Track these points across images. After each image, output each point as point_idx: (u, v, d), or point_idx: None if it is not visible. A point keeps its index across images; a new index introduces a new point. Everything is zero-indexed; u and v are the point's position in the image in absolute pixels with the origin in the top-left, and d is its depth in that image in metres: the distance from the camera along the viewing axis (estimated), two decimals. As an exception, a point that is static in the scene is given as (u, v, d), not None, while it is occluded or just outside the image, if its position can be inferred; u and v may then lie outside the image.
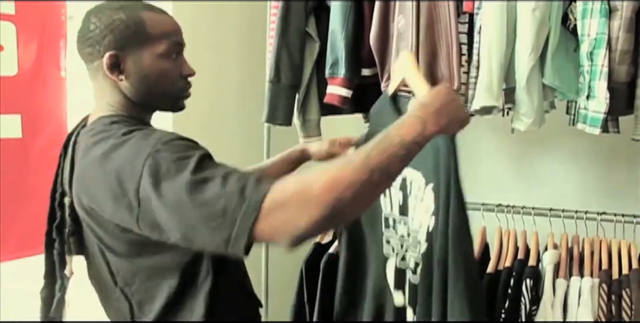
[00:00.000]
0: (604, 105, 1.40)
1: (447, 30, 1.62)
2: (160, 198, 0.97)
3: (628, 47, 1.41)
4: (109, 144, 1.06)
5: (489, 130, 2.20)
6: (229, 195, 0.93)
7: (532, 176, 2.21)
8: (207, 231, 0.94)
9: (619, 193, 2.06)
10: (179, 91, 1.21)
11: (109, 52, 1.13)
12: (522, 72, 1.50)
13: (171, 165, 0.98)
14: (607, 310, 1.56)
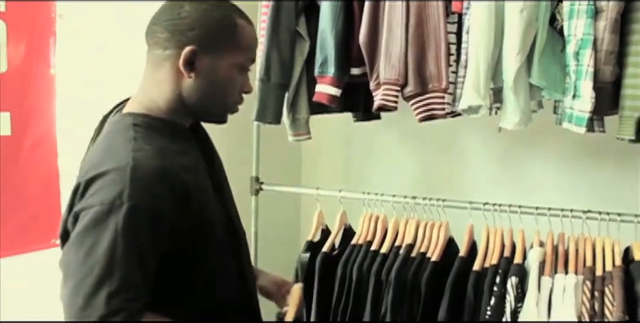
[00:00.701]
0: (590, 104, 1.43)
1: (435, 30, 1.64)
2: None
3: (613, 48, 1.44)
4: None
5: (477, 129, 2.22)
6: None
7: (519, 175, 2.24)
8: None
9: (604, 191, 2.09)
10: (233, 104, 1.20)
11: (191, 46, 1.09)
12: (509, 72, 1.53)
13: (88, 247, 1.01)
14: (590, 307, 1.58)
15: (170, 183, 1.05)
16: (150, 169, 1.04)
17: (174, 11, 1.11)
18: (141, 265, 1.02)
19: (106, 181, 1.03)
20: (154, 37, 1.12)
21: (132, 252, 1.00)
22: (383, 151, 2.46)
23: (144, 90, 1.17)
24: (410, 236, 1.83)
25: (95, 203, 1.02)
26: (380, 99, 1.69)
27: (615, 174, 2.07)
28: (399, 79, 1.67)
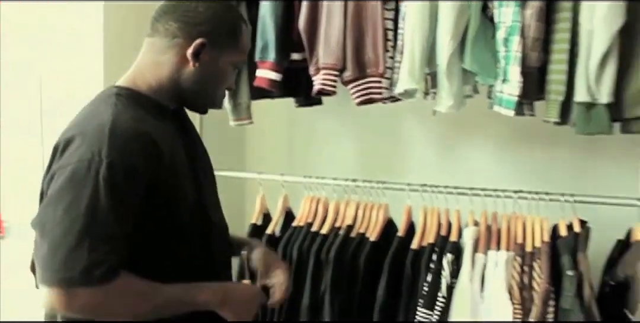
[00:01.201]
0: (517, 88, 1.49)
1: (373, 17, 1.69)
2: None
3: (539, 35, 1.51)
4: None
5: (417, 114, 2.28)
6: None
7: (457, 158, 2.30)
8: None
9: (535, 172, 2.17)
10: (219, 97, 1.33)
11: (201, 39, 1.20)
12: (442, 57, 1.58)
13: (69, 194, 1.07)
14: (519, 280, 1.67)
15: (145, 144, 1.12)
16: (127, 130, 1.12)
17: (190, 6, 1.22)
18: (120, 219, 1.07)
19: (84, 139, 1.10)
20: (165, 25, 1.22)
21: (112, 207, 1.06)
22: (326, 136, 2.48)
23: (137, 69, 1.26)
24: (350, 217, 1.88)
25: (72, 161, 1.08)
26: (320, 84, 1.73)
27: (545, 156, 2.16)
28: (338, 64, 1.71)
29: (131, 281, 1.10)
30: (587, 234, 1.68)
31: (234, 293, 1.27)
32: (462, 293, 1.72)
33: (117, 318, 1.13)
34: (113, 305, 1.09)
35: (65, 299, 1.04)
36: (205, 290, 1.21)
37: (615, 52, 1.43)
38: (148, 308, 1.14)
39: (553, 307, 1.61)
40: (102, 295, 1.06)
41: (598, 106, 1.47)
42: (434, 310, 1.72)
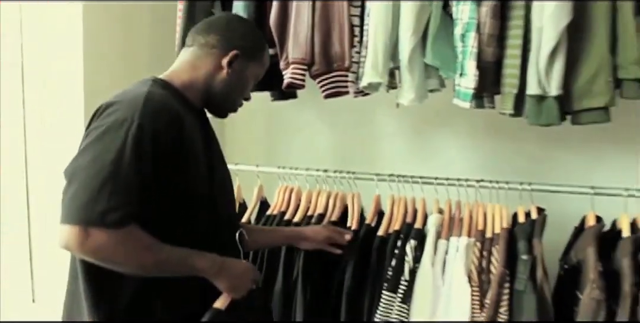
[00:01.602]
0: (473, 82, 1.58)
1: (339, 14, 1.77)
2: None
3: (494, 31, 1.58)
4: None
5: (388, 108, 2.35)
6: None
7: (426, 150, 2.39)
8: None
9: (502, 162, 2.26)
10: (238, 103, 1.55)
11: (236, 51, 1.43)
12: (404, 52, 1.66)
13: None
14: (478, 264, 1.75)
15: (171, 116, 1.29)
16: (159, 102, 1.29)
17: (228, 24, 1.48)
18: (139, 174, 1.20)
19: (122, 105, 1.26)
20: (206, 38, 1.44)
21: (134, 162, 1.19)
22: (302, 128, 2.56)
23: (174, 71, 1.45)
24: (322, 206, 1.96)
25: (109, 120, 1.24)
26: (289, 78, 1.81)
27: (512, 148, 2.25)
28: (306, 59, 1.79)
29: (140, 233, 1.22)
30: (543, 221, 1.76)
31: (230, 267, 1.38)
32: (424, 276, 1.79)
33: (122, 264, 1.24)
34: (121, 250, 1.20)
35: (80, 237, 1.16)
36: (204, 258, 1.33)
37: (563, 48, 1.51)
38: (151, 261, 1.25)
39: (508, 288, 1.69)
40: (113, 238, 1.17)
41: (548, 98, 1.55)
42: (397, 293, 1.81)
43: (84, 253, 1.20)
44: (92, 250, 1.19)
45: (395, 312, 1.80)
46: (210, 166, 1.41)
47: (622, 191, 1.72)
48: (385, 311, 1.80)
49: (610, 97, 1.52)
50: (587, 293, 1.62)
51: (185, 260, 1.31)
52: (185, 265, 1.31)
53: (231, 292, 1.37)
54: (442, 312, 1.76)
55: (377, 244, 1.86)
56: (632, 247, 1.64)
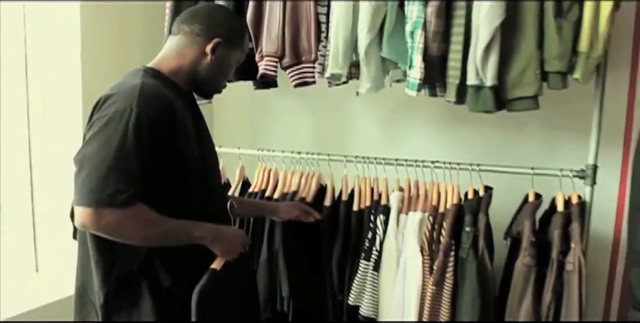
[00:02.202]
0: (419, 73, 1.78)
1: (307, 12, 1.97)
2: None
3: (438, 29, 1.78)
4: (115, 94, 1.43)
5: (363, 96, 2.56)
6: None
7: (397, 134, 2.60)
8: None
9: (465, 146, 2.47)
10: (222, 87, 1.70)
11: (218, 38, 1.56)
12: (361, 47, 1.87)
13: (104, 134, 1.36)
14: (429, 235, 1.97)
15: (164, 102, 1.43)
16: (152, 91, 1.43)
17: (210, 13, 1.61)
18: (140, 158, 1.37)
19: (120, 97, 1.40)
20: (191, 26, 1.57)
21: (135, 147, 1.34)
22: (283, 114, 2.77)
23: (161, 58, 1.58)
24: (296, 184, 2.19)
25: (110, 111, 1.38)
26: (263, 69, 2.02)
27: (475, 133, 2.45)
28: (278, 52, 2.00)
29: (146, 210, 1.38)
30: (489, 198, 1.97)
31: (223, 234, 1.56)
32: (390, 247, 2.03)
33: (132, 238, 1.41)
34: (130, 226, 1.37)
35: (94, 217, 1.32)
36: (201, 228, 1.51)
37: (496, 43, 1.71)
38: (156, 233, 1.42)
39: (453, 256, 1.91)
40: (122, 216, 1.34)
41: (485, 88, 1.76)
42: (370, 261, 2.04)
43: (99, 231, 1.37)
44: (105, 228, 1.35)
45: (369, 279, 2.03)
46: (201, 145, 1.58)
47: (557, 171, 1.93)
48: (361, 278, 2.04)
49: (538, 87, 1.73)
50: (520, 260, 1.84)
51: (185, 231, 1.47)
52: (185, 235, 1.48)
53: (225, 255, 1.56)
54: (400, 277, 1.99)
55: (355, 218, 2.10)
56: (562, 221, 1.86)
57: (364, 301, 2.03)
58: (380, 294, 2.00)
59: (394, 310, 1.98)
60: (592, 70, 1.74)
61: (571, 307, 1.77)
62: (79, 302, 1.58)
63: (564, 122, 2.33)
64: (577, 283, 1.76)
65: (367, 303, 2.02)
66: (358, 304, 2.04)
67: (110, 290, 1.47)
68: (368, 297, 2.02)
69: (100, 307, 1.47)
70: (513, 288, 1.84)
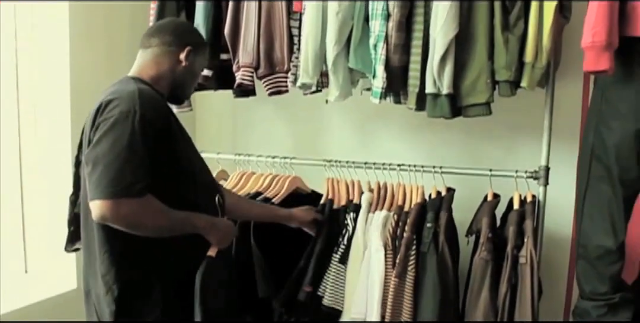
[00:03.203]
0: (382, 82, 1.93)
1: (280, 25, 2.12)
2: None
3: (399, 42, 1.93)
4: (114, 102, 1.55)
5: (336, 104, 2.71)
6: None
7: (368, 139, 2.74)
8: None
9: (433, 150, 2.61)
10: (192, 91, 1.85)
11: (189, 46, 1.71)
12: (329, 58, 2.01)
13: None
14: (393, 232, 2.10)
15: (161, 104, 1.62)
16: (149, 94, 1.59)
17: (176, 25, 1.78)
18: (148, 152, 1.49)
19: (121, 100, 1.52)
20: (162, 37, 1.71)
21: (143, 143, 1.48)
22: (262, 121, 2.90)
23: (138, 69, 1.71)
24: (265, 186, 2.32)
25: (115, 113, 1.50)
26: (240, 79, 2.16)
27: (443, 138, 2.59)
28: (253, 63, 2.14)
29: (156, 200, 1.52)
30: (450, 197, 2.12)
31: (218, 224, 1.70)
32: (357, 242, 2.15)
33: (146, 228, 1.53)
34: (146, 215, 1.50)
35: (113, 208, 1.45)
36: (200, 218, 1.64)
37: (451, 55, 1.86)
38: (166, 222, 1.56)
39: (414, 251, 2.05)
40: (138, 206, 1.47)
41: (441, 96, 1.91)
42: (337, 253, 2.16)
43: (117, 221, 1.48)
44: (125, 218, 1.47)
45: (333, 270, 2.14)
46: (186, 143, 1.71)
47: (513, 173, 2.08)
48: (330, 270, 2.15)
49: (490, 95, 1.88)
50: (478, 254, 1.99)
51: (188, 220, 1.61)
52: (188, 224, 1.61)
53: (219, 244, 1.70)
54: (365, 270, 2.12)
55: (334, 215, 2.23)
56: (517, 218, 2.01)
57: (327, 292, 2.14)
58: (346, 286, 2.13)
59: (359, 301, 2.10)
60: (538, 78, 1.89)
61: (524, 298, 1.91)
62: (86, 302, 1.72)
63: (522, 127, 2.49)
64: (530, 275, 1.91)
65: (330, 294, 2.13)
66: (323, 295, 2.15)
67: (125, 283, 1.58)
68: (330, 288, 2.13)
69: (114, 300, 1.58)
70: (472, 281, 1.99)
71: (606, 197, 1.86)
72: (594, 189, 1.88)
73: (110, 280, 1.58)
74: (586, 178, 1.90)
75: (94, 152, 1.49)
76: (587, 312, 1.95)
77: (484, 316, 1.93)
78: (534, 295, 1.91)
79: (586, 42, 1.68)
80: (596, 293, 1.92)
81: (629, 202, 1.87)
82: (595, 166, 1.87)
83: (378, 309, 2.04)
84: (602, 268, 1.89)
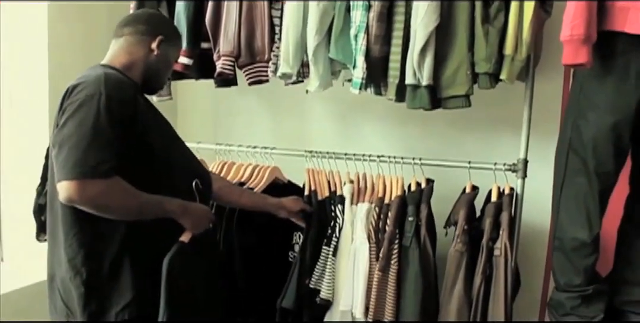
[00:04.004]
0: (362, 73, 1.92)
1: (261, 15, 2.10)
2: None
3: (380, 33, 1.93)
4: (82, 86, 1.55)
5: (320, 95, 2.70)
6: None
7: (351, 130, 2.74)
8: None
9: (412, 143, 2.63)
10: (165, 81, 1.85)
11: (161, 36, 1.72)
12: (310, 48, 2.00)
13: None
14: (375, 224, 2.11)
15: (128, 86, 1.60)
16: (116, 78, 1.59)
17: (149, 15, 1.79)
18: (114, 135, 1.49)
19: (87, 84, 1.53)
20: (135, 27, 1.72)
21: (109, 125, 1.47)
22: (244, 111, 2.90)
23: (111, 57, 1.72)
24: (246, 176, 2.32)
25: (81, 96, 1.51)
26: (220, 68, 2.15)
27: (423, 130, 2.61)
28: (234, 52, 2.13)
29: (123, 181, 1.51)
30: (430, 190, 2.12)
31: (192, 209, 1.69)
32: (346, 234, 2.17)
33: (114, 210, 1.52)
34: (113, 196, 1.49)
35: (79, 189, 1.44)
36: (172, 202, 1.63)
37: (431, 46, 1.86)
38: (135, 205, 1.55)
39: (397, 244, 2.06)
40: (105, 186, 1.46)
41: (421, 87, 1.91)
42: (330, 247, 2.17)
43: (84, 203, 1.47)
44: (91, 199, 1.46)
45: (329, 264, 2.16)
46: (161, 129, 1.71)
47: (491, 165, 2.09)
48: (322, 262, 2.17)
49: (469, 87, 1.88)
50: (453, 246, 2.00)
51: (159, 204, 1.59)
52: (159, 208, 1.59)
53: (193, 229, 1.68)
54: (351, 263, 2.13)
55: (321, 206, 2.23)
56: (494, 210, 2.02)
57: (323, 285, 2.16)
58: (336, 278, 2.14)
59: (346, 294, 2.11)
60: (517, 72, 1.90)
61: (499, 290, 1.93)
62: (50, 287, 1.70)
63: (502, 120, 2.50)
64: (504, 267, 1.92)
65: (326, 287, 2.14)
66: (318, 288, 2.17)
67: (94, 266, 1.58)
68: (327, 281, 2.14)
69: (83, 283, 1.58)
70: (447, 272, 2.00)
71: (582, 190, 1.87)
72: (570, 182, 1.90)
73: (79, 263, 1.57)
74: (563, 170, 1.91)
75: (61, 134, 1.49)
76: (561, 304, 1.97)
77: (458, 308, 1.94)
78: (507, 287, 1.92)
79: (565, 36, 1.69)
80: (571, 285, 1.93)
81: (605, 195, 1.88)
82: (572, 159, 1.88)
83: (363, 301, 2.06)
84: (577, 260, 1.90)
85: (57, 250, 1.64)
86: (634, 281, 1.97)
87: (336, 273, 2.16)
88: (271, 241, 2.28)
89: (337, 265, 2.17)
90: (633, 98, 1.74)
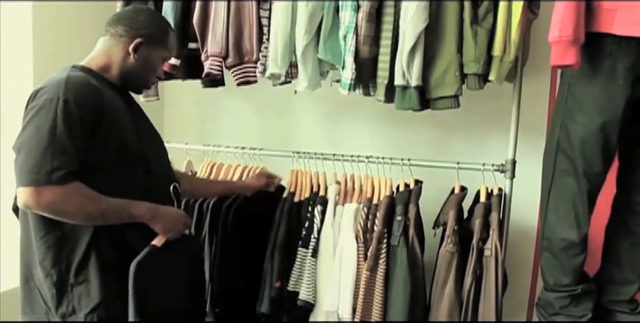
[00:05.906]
0: (351, 73, 1.92)
1: (249, 15, 2.10)
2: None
3: (369, 33, 1.93)
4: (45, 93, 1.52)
5: (307, 94, 2.69)
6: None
7: (339, 131, 2.74)
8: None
9: (400, 144, 2.63)
10: (150, 82, 1.79)
11: (139, 38, 1.66)
12: (298, 48, 2.00)
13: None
14: (364, 225, 2.10)
15: (90, 90, 1.54)
16: (78, 81, 1.54)
17: (133, 15, 1.71)
18: (72, 139, 1.46)
19: (48, 89, 1.51)
20: (116, 27, 1.68)
21: (66, 130, 1.45)
22: (232, 111, 2.88)
23: (91, 57, 1.69)
24: (237, 177, 2.31)
25: (40, 101, 1.49)
26: (208, 68, 2.14)
27: (411, 130, 2.61)
28: (222, 52, 2.12)
29: (83, 187, 1.48)
30: (418, 190, 2.13)
31: (163, 213, 1.64)
32: (327, 236, 2.15)
33: (73, 216, 1.50)
34: (69, 203, 1.46)
35: (34, 196, 1.42)
36: (139, 206, 1.58)
37: (420, 47, 1.86)
38: (95, 210, 1.50)
39: (385, 244, 2.06)
40: (60, 193, 1.44)
41: (410, 88, 1.91)
42: (308, 248, 2.16)
43: (40, 209, 1.46)
44: (46, 205, 1.44)
45: (307, 265, 2.15)
46: (137, 129, 1.67)
47: (479, 166, 2.10)
48: (299, 264, 2.16)
49: (458, 88, 1.89)
50: (443, 247, 2.00)
51: (124, 208, 1.55)
52: (124, 212, 1.55)
53: (165, 233, 1.64)
54: (337, 263, 2.12)
55: (295, 208, 2.22)
56: (483, 211, 2.02)
57: (302, 286, 2.15)
58: (318, 280, 2.13)
59: (331, 294, 2.11)
60: (506, 72, 1.91)
61: (489, 290, 1.93)
62: (25, 288, 1.66)
63: (490, 120, 2.51)
64: (494, 267, 1.93)
65: (306, 288, 2.14)
66: (297, 289, 2.16)
67: (62, 268, 1.56)
68: (306, 283, 2.14)
69: (54, 284, 1.56)
70: (437, 273, 2.00)
71: (570, 190, 1.88)
72: (558, 183, 1.91)
73: (48, 265, 1.56)
74: (551, 171, 1.92)
75: (19, 139, 1.49)
76: (550, 303, 1.98)
77: (449, 308, 1.94)
78: (498, 287, 1.93)
79: (553, 37, 1.70)
80: (559, 284, 1.94)
81: (593, 196, 1.89)
82: (560, 160, 1.89)
83: (350, 302, 2.05)
84: (566, 260, 1.91)
85: (31, 250, 1.62)
86: (622, 280, 1.98)
87: (317, 274, 2.15)
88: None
89: (317, 266, 2.16)
90: (620, 99, 1.75)
